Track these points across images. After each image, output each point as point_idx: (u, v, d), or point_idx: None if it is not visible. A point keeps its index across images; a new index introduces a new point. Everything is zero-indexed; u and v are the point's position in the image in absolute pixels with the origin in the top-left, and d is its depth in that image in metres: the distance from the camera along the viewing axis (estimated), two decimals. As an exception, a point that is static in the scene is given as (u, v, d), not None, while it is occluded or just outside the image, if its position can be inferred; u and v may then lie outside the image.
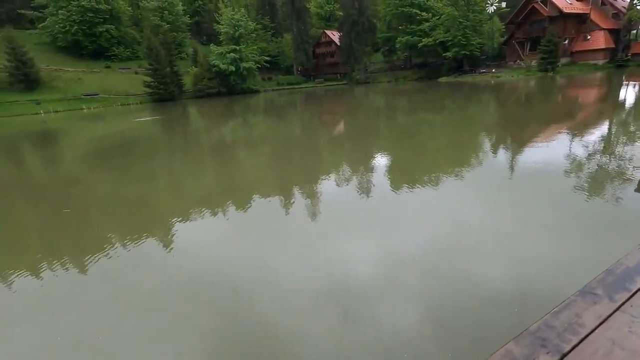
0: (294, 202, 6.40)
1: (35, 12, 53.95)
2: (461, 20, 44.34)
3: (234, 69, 49.80)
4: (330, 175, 8.18)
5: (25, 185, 9.66)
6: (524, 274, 3.65)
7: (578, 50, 43.41)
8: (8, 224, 6.56)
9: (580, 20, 43.45)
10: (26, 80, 42.63)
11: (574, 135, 10.11)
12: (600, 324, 1.97)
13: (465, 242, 4.36)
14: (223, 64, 49.31)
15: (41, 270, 4.44)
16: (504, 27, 50.94)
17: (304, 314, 3.32)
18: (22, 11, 56.12)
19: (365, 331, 3.03)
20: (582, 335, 1.90)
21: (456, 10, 44.69)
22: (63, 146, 16.97)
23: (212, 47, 51.34)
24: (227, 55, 49.43)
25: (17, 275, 4.40)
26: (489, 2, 45.93)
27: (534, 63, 42.30)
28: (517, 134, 11.39)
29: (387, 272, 3.85)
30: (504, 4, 50.09)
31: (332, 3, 71.85)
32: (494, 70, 45.90)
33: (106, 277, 4.27)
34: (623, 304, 2.14)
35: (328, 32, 65.23)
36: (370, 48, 57.20)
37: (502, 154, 8.77)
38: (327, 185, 7.26)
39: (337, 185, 7.29)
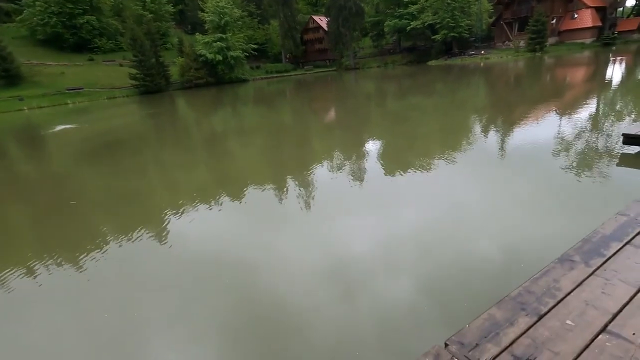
0: (291, 188, 6.47)
1: (11, 4, 52.07)
2: (449, 1, 44.01)
3: (221, 58, 48.92)
4: (324, 161, 8.24)
5: (35, 180, 9.58)
6: (510, 245, 3.85)
7: (565, 30, 43.52)
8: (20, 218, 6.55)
9: (567, -1, 43.47)
10: (7, 75, 41.35)
11: (561, 115, 10.29)
12: (576, 287, 2.11)
13: (455, 218, 4.51)
14: (210, 53, 48.41)
15: (57, 258, 4.50)
16: (492, 7, 50.70)
17: (306, 289, 3.50)
18: (-2, 4, 54.20)
19: (364, 304, 3.19)
20: (559, 298, 2.04)
21: (444, -8, 44.32)
22: (60, 145, 16.70)
23: (198, 36, 50.24)
24: (214, 44, 48.48)
25: (43, 262, 4.45)
26: (476, -18, 45.58)
27: (522, 43, 42.35)
28: (507, 115, 11.55)
29: (384, 249, 4.00)
30: (491, -16, 49.77)
31: (319, -13, 70.61)
32: (482, 52, 45.86)
33: (121, 262, 4.41)
34: (597, 268, 2.29)
35: (316, 18, 64.19)
36: (358, 33, 56.48)
37: (493, 136, 8.91)
38: (322, 171, 7.33)
39: (331, 171, 7.37)
